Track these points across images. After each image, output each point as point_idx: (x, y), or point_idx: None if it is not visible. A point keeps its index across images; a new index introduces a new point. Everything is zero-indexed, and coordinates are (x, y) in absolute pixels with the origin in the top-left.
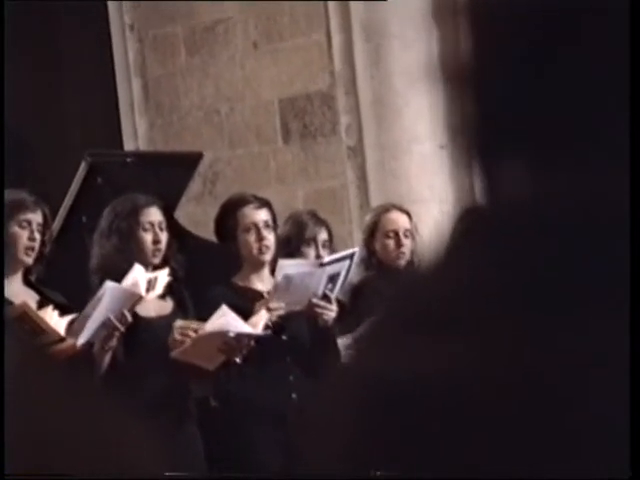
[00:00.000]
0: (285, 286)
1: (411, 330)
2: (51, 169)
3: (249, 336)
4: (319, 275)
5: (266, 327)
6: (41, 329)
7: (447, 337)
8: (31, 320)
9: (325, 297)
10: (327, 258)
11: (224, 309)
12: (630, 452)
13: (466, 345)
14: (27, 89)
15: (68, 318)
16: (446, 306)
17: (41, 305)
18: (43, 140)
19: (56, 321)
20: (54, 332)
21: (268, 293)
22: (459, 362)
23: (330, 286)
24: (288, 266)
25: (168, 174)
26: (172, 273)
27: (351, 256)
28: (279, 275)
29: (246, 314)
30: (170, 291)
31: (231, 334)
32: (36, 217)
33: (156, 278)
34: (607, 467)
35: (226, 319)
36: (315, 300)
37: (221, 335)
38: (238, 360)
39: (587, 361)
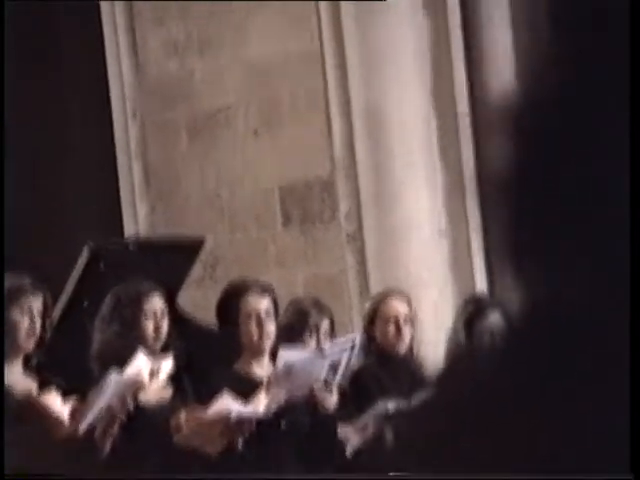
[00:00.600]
0: (286, 374)
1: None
2: (52, 252)
3: (250, 418)
4: (320, 363)
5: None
6: (45, 418)
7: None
8: (35, 410)
9: (326, 384)
10: (329, 347)
11: (224, 394)
12: (630, 452)
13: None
14: (28, 175)
15: (70, 404)
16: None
17: (41, 391)
18: (44, 223)
19: (58, 408)
20: (58, 420)
21: (268, 379)
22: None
23: (331, 374)
24: (290, 355)
25: (170, 261)
26: (173, 360)
27: (352, 344)
28: (280, 363)
29: (246, 400)
30: (170, 377)
31: (233, 415)
32: (37, 302)
33: (159, 367)
34: (607, 467)
35: (227, 402)
36: (316, 388)
37: (223, 419)
38: (240, 444)
39: (587, 361)
